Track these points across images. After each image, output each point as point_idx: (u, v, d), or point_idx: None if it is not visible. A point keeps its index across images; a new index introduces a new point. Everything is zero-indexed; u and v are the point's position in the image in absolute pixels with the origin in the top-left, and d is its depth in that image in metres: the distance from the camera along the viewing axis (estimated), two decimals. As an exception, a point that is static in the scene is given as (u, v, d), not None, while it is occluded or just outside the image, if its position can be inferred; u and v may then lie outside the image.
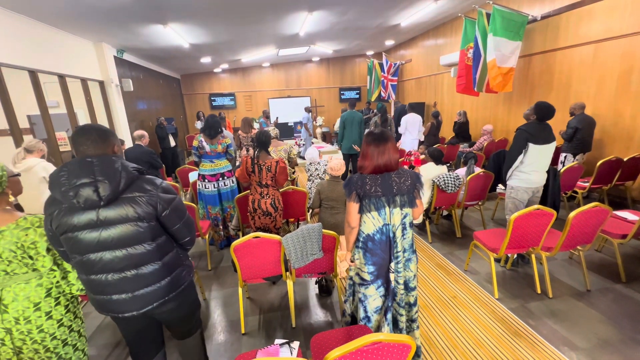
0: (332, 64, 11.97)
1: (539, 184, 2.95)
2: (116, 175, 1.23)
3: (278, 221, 2.96)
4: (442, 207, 3.81)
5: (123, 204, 1.27)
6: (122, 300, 1.36)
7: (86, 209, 1.24)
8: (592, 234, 2.54)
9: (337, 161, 2.86)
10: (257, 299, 2.82)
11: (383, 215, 1.66)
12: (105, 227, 1.26)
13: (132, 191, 1.29)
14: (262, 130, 2.96)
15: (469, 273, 3.02)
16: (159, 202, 1.33)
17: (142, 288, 1.36)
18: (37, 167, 2.98)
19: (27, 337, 1.36)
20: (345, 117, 5.54)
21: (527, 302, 2.54)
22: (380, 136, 1.67)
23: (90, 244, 1.27)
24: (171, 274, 1.44)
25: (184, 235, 1.48)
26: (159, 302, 1.42)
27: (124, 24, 5.16)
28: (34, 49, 4.40)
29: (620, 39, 4.18)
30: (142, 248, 1.33)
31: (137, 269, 1.34)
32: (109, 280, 1.33)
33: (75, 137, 1.27)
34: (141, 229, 1.30)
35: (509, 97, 6.09)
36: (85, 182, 1.19)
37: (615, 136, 4.41)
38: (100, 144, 1.28)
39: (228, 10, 5.11)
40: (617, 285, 2.69)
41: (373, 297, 1.76)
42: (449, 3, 6.10)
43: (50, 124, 4.80)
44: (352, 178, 1.69)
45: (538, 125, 2.81)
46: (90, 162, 1.22)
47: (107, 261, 1.30)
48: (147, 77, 8.44)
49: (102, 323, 2.63)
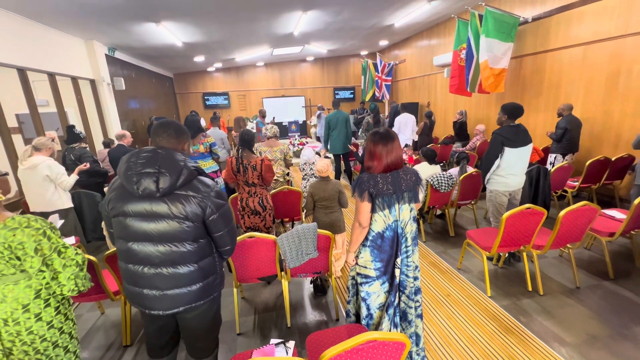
0: (327, 63, 11.98)
1: (517, 187, 3.00)
2: (178, 170, 1.29)
3: (268, 220, 2.95)
4: (436, 207, 3.85)
5: (175, 200, 1.30)
6: (152, 296, 1.38)
7: (142, 198, 1.29)
8: (582, 232, 2.60)
9: (323, 162, 2.89)
10: (251, 299, 2.81)
11: (394, 213, 1.69)
12: (153, 219, 1.30)
13: (187, 190, 1.33)
14: (245, 129, 2.94)
15: (462, 271, 3.06)
16: (209, 206, 1.36)
17: (174, 288, 1.37)
18: (42, 165, 2.96)
19: (17, 338, 1.34)
20: (329, 118, 5.49)
21: (519, 300, 2.59)
22: (386, 135, 1.69)
23: (137, 232, 1.32)
24: (205, 279, 1.44)
25: (225, 243, 1.49)
26: (187, 306, 1.42)
27: (115, 22, 5.10)
28: (22, 47, 4.31)
29: (609, 41, 4.27)
30: (182, 247, 1.35)
31: (174, 267, 1.35)
32: (144, 273, 1.36)
33: (156, 128, 1.40)
34: (186, 227, 1.33)
35: (501, 97, 6.17)
36: (149, 172, 1.26)
37: (604, 136, 4.51)
38: (174, 139, 1.40)
39: (222, 9, 5.07)
40: (605, 282, 2.75)
41: (377, 294, 1.78)
42: (442, 4, 6.16)
43: (40, 122, 4.71)
44: (362, 178, 1.69)
45: (513, 129, 2.86)
46: (159, 153, 1.31)
47: (147, 253, 1.33)
48: (140, 76, 8.34)
49: (94, 325, 2.60)
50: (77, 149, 4.04)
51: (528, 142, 2.87)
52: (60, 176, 3.07)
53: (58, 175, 3.06)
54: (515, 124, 2.89)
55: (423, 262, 3.25)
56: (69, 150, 4.06)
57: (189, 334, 1.56)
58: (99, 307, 2.75)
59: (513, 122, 2.90)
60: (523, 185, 3.06)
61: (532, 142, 2.91)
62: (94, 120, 6.09)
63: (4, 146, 4.07)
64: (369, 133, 1.76)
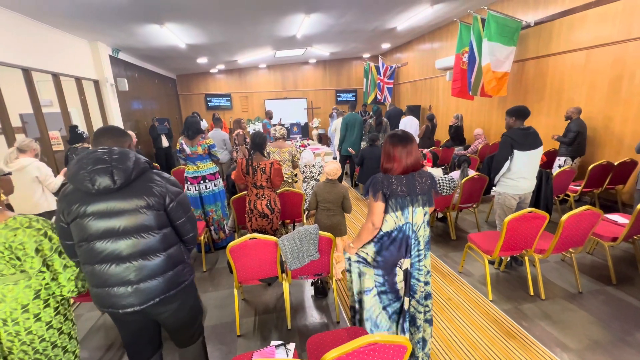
0: (329, 66, 12.01)
1: (527, 191, 2.97)
2: (129, 163, 1.33)
3: (275, 223, 2.96)
4: (437, 210, 3.84)
5: (134, 191, 1.33)
6: (124, 293, 1.36)
7: (100, 195, 1.30)
8: (584, 237, 2.59)
9: (333, 165, 2.88)
10: (252, 300, 2.81)
11: (406, 215, 1.68)
12: (115, 214, 1.31)
13: (144, 180, 1.38)
14: (257, 131, 2.95)
15: (463, 275, 3.04)
16: (167, 194, 1.41)
17: (145, 280, 1.37)
18: (30, 167, 2.95)
19: (16, 338, 1.34)
20: (347, 119, 5.55)
21: (521, 304, 2.57)
22: (405, 137, 1.69)
23: (99, 231, 1.31)
24: (174, 268, 1.46)
25: (187, 231, 1.52)
26: (161, 297, 1.42)
27: (120, 23, 5.13)
28: (27, 47, 4.34)
29: (611, 45, 4.27)
30: (148, 236, 1.36)
31: (143, 258, 1.36)
32: (113, 270, 1.34)
33: (98, 133, 1.49)
34: (149, 216, 1.35)
35: (504, 101, 6.17)
36: (102, 167, 1.28)
37: (606, 141, 4.50)
38: (118, 139, 1.49)
39: (225, 11, 5.10)
40: (607, 287, 2.73)
41: (367, 276, 1.79)
42: (445, 8, 6.17)
43: (44, 122, 4.74)
44: (376, 178, 1.69)
45: (522, 131, 2.82)
46: (107, 150, 1.34)
47: (113, 249, 1.33)
48: (143, 77, 8.38)
49: (95, 325, 2.60)
50: (79, 149, 4.06)
51: (538, 145, 2.83)
52: (48, 177, 3.06)
53: (47, 177, 3.04)
54: (525, 126, 2.86)
55: (424, 265, 3.24)
56: (72, 150, 4.08)
57: (170, 328, 1.57)
58: (99, 307, 2.75)
59: (522, 124, 2.88)
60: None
61: (542, 145, 2.87)
62: (96, 121, 6.12)
63: (8, 146, 4.09)
64: (387, 135, 1.75)
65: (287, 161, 3.70)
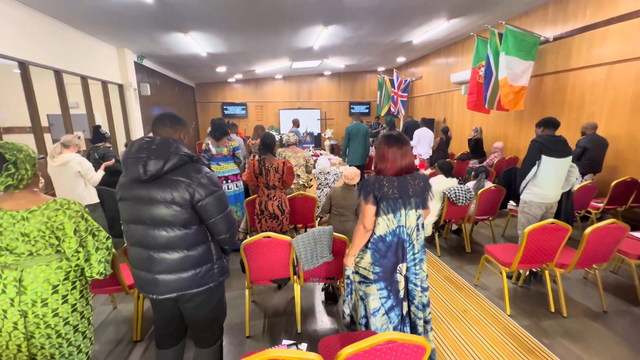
0: (343, 78, 12.19)
1: (553, 200, 2.89)
2: (166, 155, 1.33)
3: (285, 225, 2.96)
4: (452, 221, 3.76)
5: (164, 184, 1.35)
6: (147, 279, 1.43)
7: (137, 182, 1.36)
8: (609, 253, 2.47)
9: (352, 170, 2.88)
10: (262, 303, 2.78)
11: (398, 217, 1.66)
12: (146, 202, 1.36)
13: (177, 175, 1.36)
14: (267, 133, 3.01)
15: (479, 288, 2.94)
16: (197, 191, 1.36)
17: (164, 273, 1.40)
18: (73, 162, 3.09)
19: (42, 320, 1.36)
20: (350, 129, 5.56)
21: (541, 320, 2.46)
22: (400, 138, 1.69)
23: (133, 215, 1.39)
24: (197, 267, 1.43)
25: (220, 231, 1.46)
26: (181, 293, 1.43)
27: (147, 31, 5.38)
28: (60, 50, 4.59)
29: (634, 61, 4.19)
30: (171, 232, 1.37)
31: (164, 251, 1.39)
32: (141, 255, 1.42)
33: (154, 120, 1.50)
34: (174, 212, 1.35)
35: (520, 115, 6.09)
36: (140, 157, 1.32)
37: (630, 158, 4.35)
38: (169, 128, 1.46)
39: (247, 21, 5.29)
40: (635, 308, 2.59)
41: (372, 297, 1.73)
42: (461, 22, 6.23)
43: (70, 123, 4.94)
44: (368, 180, 1.68)
45: (552, 138, 2.78)
46: (149, 140, 1.37)
47: (140, 235, 1.39)
48: (164, 84, 8.70)
49: (106, 319, 2.61)
50: (101, 148, 4.19)
51: (568, 153, 2.77)
52: (89, 172, 3.20)
53: (88, 171, 3.18)
54: (555, 135, 2.82)
55: (437, 277, 3.16)
56: (94, 149, 4.22)
57: (190, 322, 1.58)
58: (112, 301, 2.78)
59: (552, 133, 2.84)
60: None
61: (572, 154, 2.82)
62: (118, 124, 6.34)
63: (36, 144, 4.27)
64: (381, 135, 1.76)
65: (302, 166, 3.75)
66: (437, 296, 2.81)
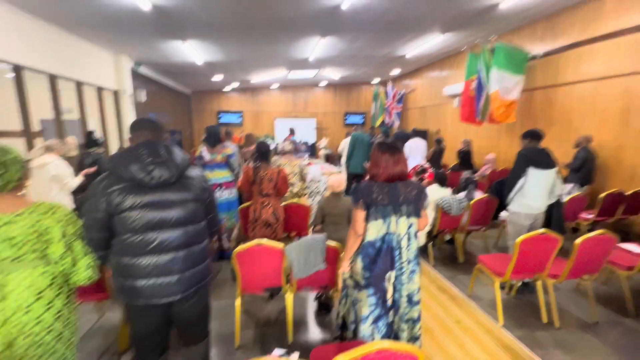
0: (339, 89, 12.35)
1: (540, 210, 2.94)
2: (181, 158, 1.45)
3: (279, 232, 2.93)
4: (445, 230, 3.78)
5: (182, 185, 1.44)
6: (167, 283, 1.42)
7: (154, 187, 1.37)
8: (599, 263, 2.50)
9: (337, 177, 2.90)
10: (253, 312, 2.73)
11: (387, 224, 1.66)
12: (167, 205, 1.40)
13: (188, 176, 1.49)
14: (262, 141, 3.02)
15: (472, 298, 2.93)
16: (206, 188, 1.56)
17: (190, 268, 1.46)
18: (51, 165, 3.03)
19: (24, 328, 1.31)
20: (355, 137, 5.68)
21: (533, 331, 2.45)
22: (394, 146, 1.71)
23: (151, 221, 1.37)
24: (205, 260, 1.55)
25: (215, 223, 1.67)
26: (194, 288, 1.49)
27: (145, 38, 5.41)
28: (55, 55, 4.58)
29: (621, 77, 4.34)
30: (193, 228, 1.47)
31: (187, 248, 1.45)
32: (160, 261, 1.40)
33: (137, 123, 1.51)
34: (194, 209, 1.47)
35: (512, 128, 6.22)
36: (160, 161, 1.36)
37: (617, 170, 4.45)
38: (157, 132, 1.50)
39: (245, 30, 5.36)
40: (626, 319, 2.60)
41: (362, 303, 1.72)
42: (454, 37, 6.40)
43: (62, 128, 4.89)
44: (359, 186, 1.71)
45: (537, 150, 2.85)
46: (158, 144, 1.41)
47: (163, 239, 1.40)
48: (160, 91, 8.71)
49: (91, 329, 2.53)
50: (92, 153, 4.15)
51: (553, 165, 2.83)
52: (66, 177, 3.12)
53: (64, 176, 3.11)
54: (541, 147, 2.89)
55: (431, 287, 3.14)
56: (86, 155, 4.17)
57: (185, 322, 1.57)
58: (98, 309, 2.69)
59: (537, 145, 2.90)
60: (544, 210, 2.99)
61: (556, 166, 2.88)
62: (112, 130, 6.30)
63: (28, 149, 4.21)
64: (376, 143, 1.79)
65: (297, 174, 3.76)
66: (431, 307, 2.79)
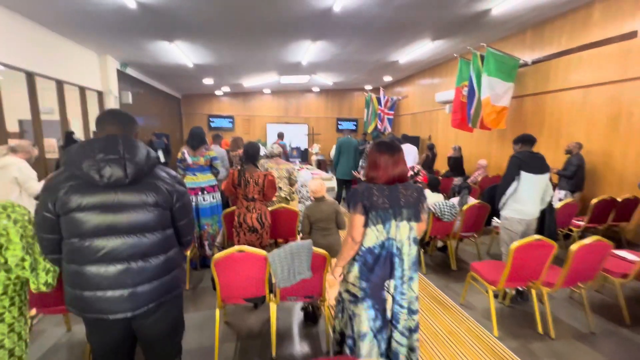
0: (331, 95, 12.34)
1: (533, 216, 2.88)
2: (143, 155, 1.24)
3: (264, 239, 2.80)
4: (437, 237, 3.68)
5: (142, 187, 1.25)
6: (119, 297, 1.23)
7: (106, 187, 1.19)
8: (594, 270, 2.43)
9: (317, 182, 2.80)
10: (235, 323, 2.56)
11: (387, 229, 1.55)
12: (121, 209, 1.21)
13: (152, 177, 1.29)
14: (252, 142, 2.90)
15: (465, 307, 2.83)
16: (175, 192, 1.34)
17: (144, 283, 1.27)
18: (13, 167, 2.85)
19: None
20: (341, 142, 5.56)
21: (529, 342, 2.35)
22: (393, 145, 1.61)
23: (99, 226, 1.20)
24: (172, 271, 1.38)
25: (187, 232, 1.46)
26: (154, 304, 1.31)
27: (130, 37, 5.27)
28: (33, 52, 4.40)
29: (608, 85, 4.37)
30: (152, 236, 1.28)
31: (143, 259, 1.27)
32: (109, 272, 1.22)
33: (102, 116, 1.33)
34: (155, 214, 1.28)
35: (503, 134, 6.23)
36: (113, 158, 1.17)
37: (607, 177, 4.46)
38: (125, 126, 1.31)
39: (235, 33, 5.27)
40: (621, 329, 2.53)
41: (360, 318, 1.59)
42: (445, 44, 6.44)
43: (40, 129, 4.68)
44: (357, 189, 1.59)
45: (530, 154, 2.81)
46: (117, 139, 1.21)
47: (113, 247, 1.22)
48: (148, 93, 8.52)
49: (58, 343, 2.33)
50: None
51: (545, 170, 2.78)
52: (28, 180, 2.93)
53: (26, 179, 2.91)
54: (533, 151, 2.84)
55: (423, 295, 3.03)
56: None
57: (149, 340, 1.39)
58: (66, 322, 2.49)
59: (530, 149, 2.85)
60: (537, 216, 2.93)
61: (549, 171, 2.83)
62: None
63: (-1, 148, 3.99)
64: (373, 142, 1.68)
65: (284, 178, 3.63)
66: (424, 317, 2.67)
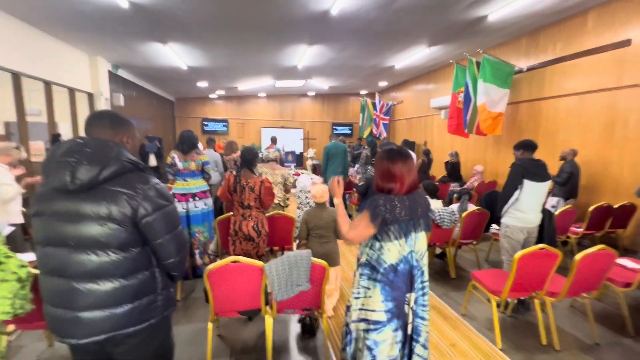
0: (327, 99, 12.32)
1: (535, 224, 2.83)
2: (103, 161, 1.09)
3: (261, 248, 2.69)
4: (436, 244, 3.62)
5: (99, 196, 1.09)
6: (65, 318, 1.10)
7: (61, 193, 1.09)
8: (598, 280, 2.38)
9: (319, 187, 2.72)
10: (229, 337, 2.44)
11: (410, 242, 1.46)
12: (72, 219, 1.08)
13: (116, 185, 1.11)
14: (248, 147, 2.80)
15: (467, 318, 2.75)
16: (142, 205, 1.12)
17: (91, 309, 1.09)
18: None
19: None
20: (328, 148, 5.49)
21: (533, 355, 2.28)
22: (403, 152, 1.51)
23: (51, 234, 1.10)
24: (136, 300, 1.16)
25: (168, 254, 1.20)
26: (111, 334, 1.12)
27: (122, 38, 5.14)
28: (19, 52, 4.25)
29: (604, 92, 4.40)
30: (103, 256, 1.09)
31: (92, 281, 1.09)
32: (58, 287, 1.10)
33: (89, 119, 1.23)
34: (109, 231, 1.09)
35: (498, 140, 6.24)
36: (67, 161, 1.07)
37: (603, 183, 4.47)
38: (109, 131, 1.21)
39: (230, 35, 5.19)
40: (626, 340, 2.47)
41: (387, 343, 1.47)
42: (441, 50, 6.45)
43: (26, 131, 4.51)
44: (377, 201, 1.44)
45: (533, 161, 2.77)
46: (82, 143, 1.11)
47: (59, 261, 1.09)
48: (141, 96, 8.37)
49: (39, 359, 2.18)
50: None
51: (547, 178, 2.75)
52: (3, 186, 2.78)
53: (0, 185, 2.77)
54: (535, 158, 2.80)
55: (423, 305, 2.95)
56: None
57: None
58: (47, 337, 2.34)
59: (531, 156, 2.81)
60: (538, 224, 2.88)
61: (550, 179, 2.80)
62: (85, 134, 5.92)
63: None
64: (382, 150, 1.58)
65: (279, 184, 3.52)
66: (423, 328, 2.58)
